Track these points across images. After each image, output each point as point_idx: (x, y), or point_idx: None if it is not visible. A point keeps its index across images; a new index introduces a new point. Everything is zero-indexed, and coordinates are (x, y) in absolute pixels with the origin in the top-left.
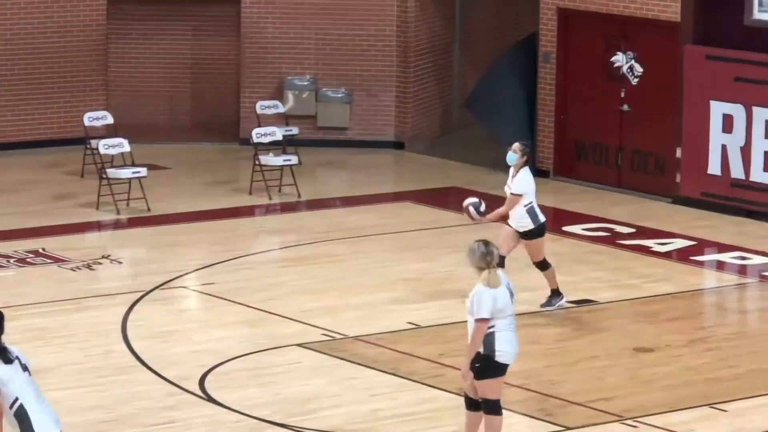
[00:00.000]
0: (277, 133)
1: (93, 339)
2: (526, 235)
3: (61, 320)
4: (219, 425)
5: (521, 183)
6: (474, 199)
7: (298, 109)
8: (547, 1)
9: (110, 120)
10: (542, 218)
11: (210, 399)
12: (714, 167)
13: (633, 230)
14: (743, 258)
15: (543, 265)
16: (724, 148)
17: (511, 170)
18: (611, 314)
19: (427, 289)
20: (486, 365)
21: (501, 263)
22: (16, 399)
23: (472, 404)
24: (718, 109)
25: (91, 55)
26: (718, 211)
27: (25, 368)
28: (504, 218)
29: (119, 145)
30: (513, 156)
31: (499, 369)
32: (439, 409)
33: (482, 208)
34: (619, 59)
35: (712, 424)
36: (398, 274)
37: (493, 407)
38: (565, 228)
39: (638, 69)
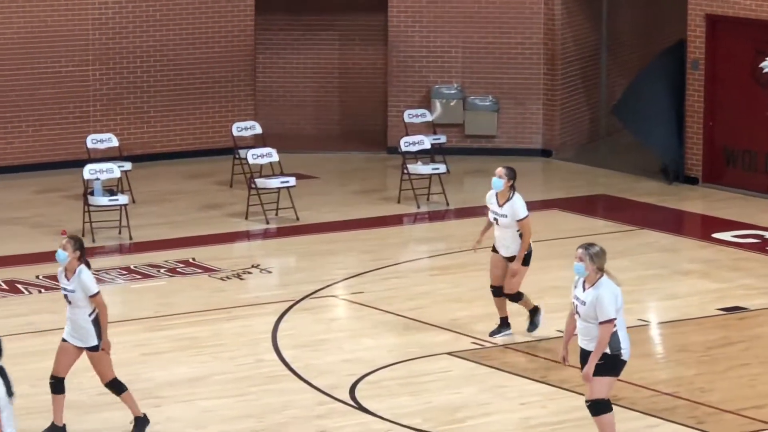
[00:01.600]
0: (425, 141)
1: (243, 348)
2: (514, 260)
3: (212, 329)
4: None
5: (523, 206)
6: None
7: (445, 117)
8: (695, 8)
9: (258, 130)
10: (530, 247)
11: (360, 408)
12: None
13: None
14: None
15: (516, 298)
16: None
17: (495, 196)
18: (762, 321)
19: None
20: (612, 364)
21: (497, 293)
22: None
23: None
24: None
25: (240, 65)
26: None
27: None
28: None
29: (268, 155)
30: (499, 182)
31: (620, 367)
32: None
33: None
34: None
35: None
36: (547, 282)
37: (605, 406)
38: (715, 235)
39: None
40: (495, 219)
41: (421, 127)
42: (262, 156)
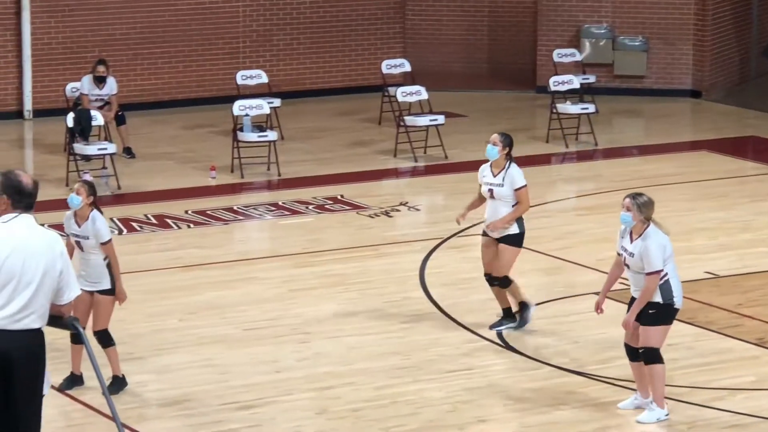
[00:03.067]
0: (574, 81)
1: (391, 285)
2: (506, 240)
3: (360, 266)
4: (516, 372)
5: (521, 174)
6: None
7: (594, 57)
8: None
9: (408, 68)
10: (525, 226)
11: (508, 346)
12: None
13: None
14: None
15: (505, 283)
16: None
17: (490, 167)
18: None
19: (725, 238)
20: (664, 313)
21: (492, 282)
22: None
23: (636, 354)
24: None
25: (389, 2)
26: None
27: None
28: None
29: (417, 93)
30: (493, 149)
31: (674, 315)
32: (737, 360)
33: None
34: None
35: None
36: (695, 224)
37: (656, 355)
38: None
39: None
40: (490, 190)
41: (570, 66)
42: (412, 94)
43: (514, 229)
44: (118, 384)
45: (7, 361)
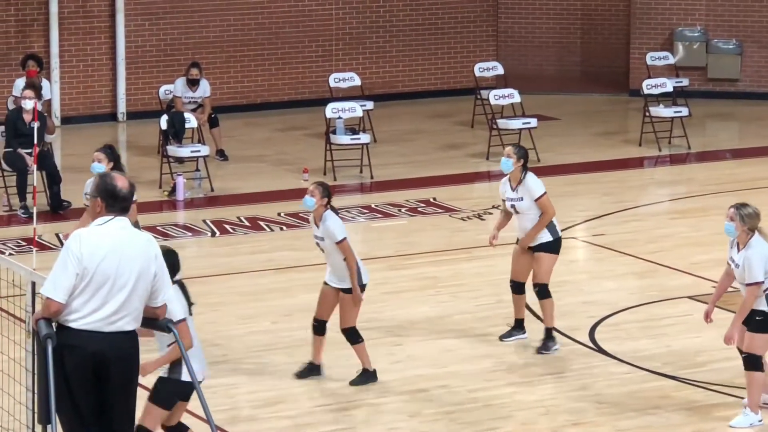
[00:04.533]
0: (668, 84)
1: (484, 288)
2: (540, 248)
3: (453, 269)
4: (609, 376)
5: (538, 183)
6: None
7: (688, 60)
8: None
9: (500, 71)
10: (560, 233)
11: (600, 350)
12: None
13: None
14: None
15: (544, 292)
16: None
17: (507, 181)
18: None
19: None
20: None
21: (517, 290)
22: None
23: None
24: None
25: (482, 5)
26: None
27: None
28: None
29: (509, 96)
30: (507, 162)
31: None
32: None
33: None
34: None
35: None
36: None
37: (756, 363)
38: None
39: None
40: (512, 206)
41: (664, 69)
42: (504, 96)
43: (546, 237)
44: (366, 376)
45: (102, 363)
